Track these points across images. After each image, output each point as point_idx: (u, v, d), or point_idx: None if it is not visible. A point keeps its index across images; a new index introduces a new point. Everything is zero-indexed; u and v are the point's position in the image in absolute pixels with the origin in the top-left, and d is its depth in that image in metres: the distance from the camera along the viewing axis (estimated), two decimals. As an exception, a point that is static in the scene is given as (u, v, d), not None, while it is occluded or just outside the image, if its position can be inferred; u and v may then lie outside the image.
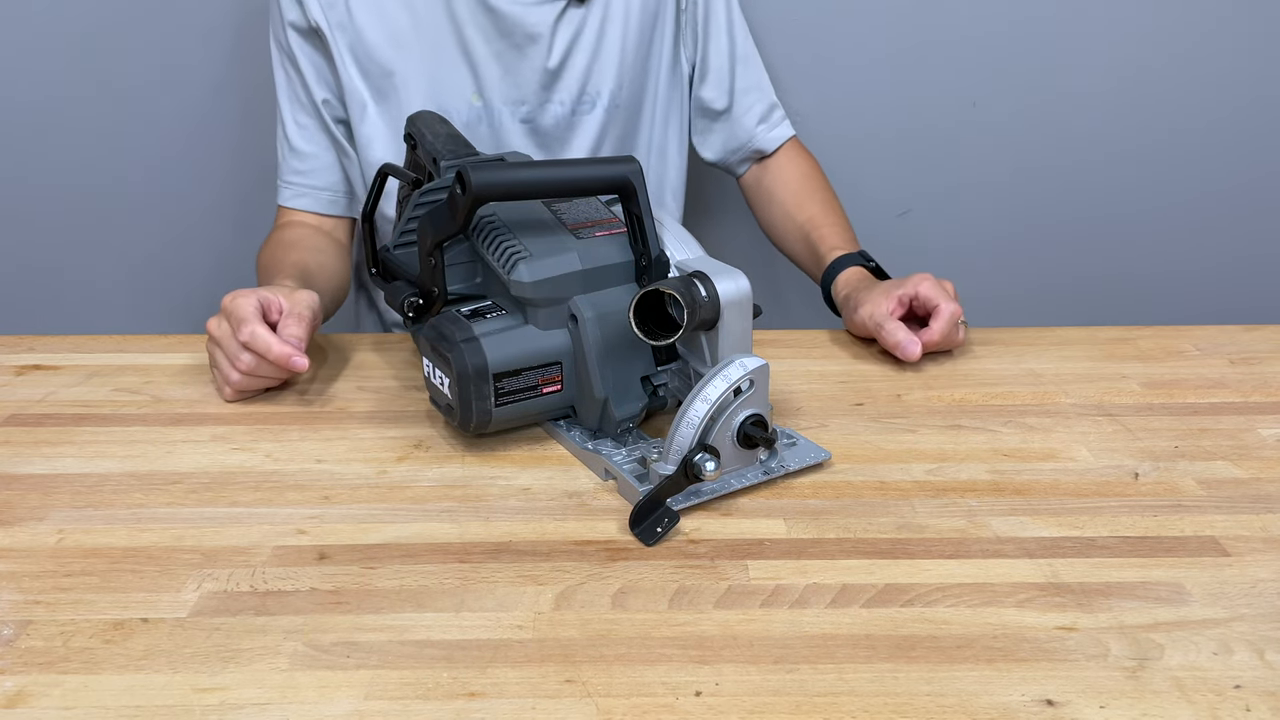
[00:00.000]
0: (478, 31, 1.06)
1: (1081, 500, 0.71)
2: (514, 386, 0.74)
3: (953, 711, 0.52)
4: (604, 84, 1.10)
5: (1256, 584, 0.62)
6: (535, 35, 1.06)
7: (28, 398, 0.85)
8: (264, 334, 0.80)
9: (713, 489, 0.70)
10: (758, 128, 1.20)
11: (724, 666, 0.55)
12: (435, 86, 1.07)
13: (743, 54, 1.19)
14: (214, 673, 0.54)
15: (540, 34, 1.06)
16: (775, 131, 1.21)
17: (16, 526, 0.68)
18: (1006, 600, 0.60)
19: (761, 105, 1.20)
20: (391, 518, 0.69)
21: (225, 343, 0.82)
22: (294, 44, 1.08)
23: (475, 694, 0.53)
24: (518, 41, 1.06)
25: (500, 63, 1.07)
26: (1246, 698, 0.53)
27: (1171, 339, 0.97)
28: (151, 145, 1.42)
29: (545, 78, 1.08)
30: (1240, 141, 1.46)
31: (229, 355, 0.82)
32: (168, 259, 1.49)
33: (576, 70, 1.09)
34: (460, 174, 0.71)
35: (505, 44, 1.06)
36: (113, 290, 1.50)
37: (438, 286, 0.78)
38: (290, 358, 0.80)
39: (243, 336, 0.80)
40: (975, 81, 1.42)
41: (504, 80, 1.08)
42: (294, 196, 1.13)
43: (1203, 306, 1.53)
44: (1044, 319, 1.45)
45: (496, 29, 1.06)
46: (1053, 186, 1.49)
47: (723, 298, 0.70)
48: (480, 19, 1.06)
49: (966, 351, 0.94)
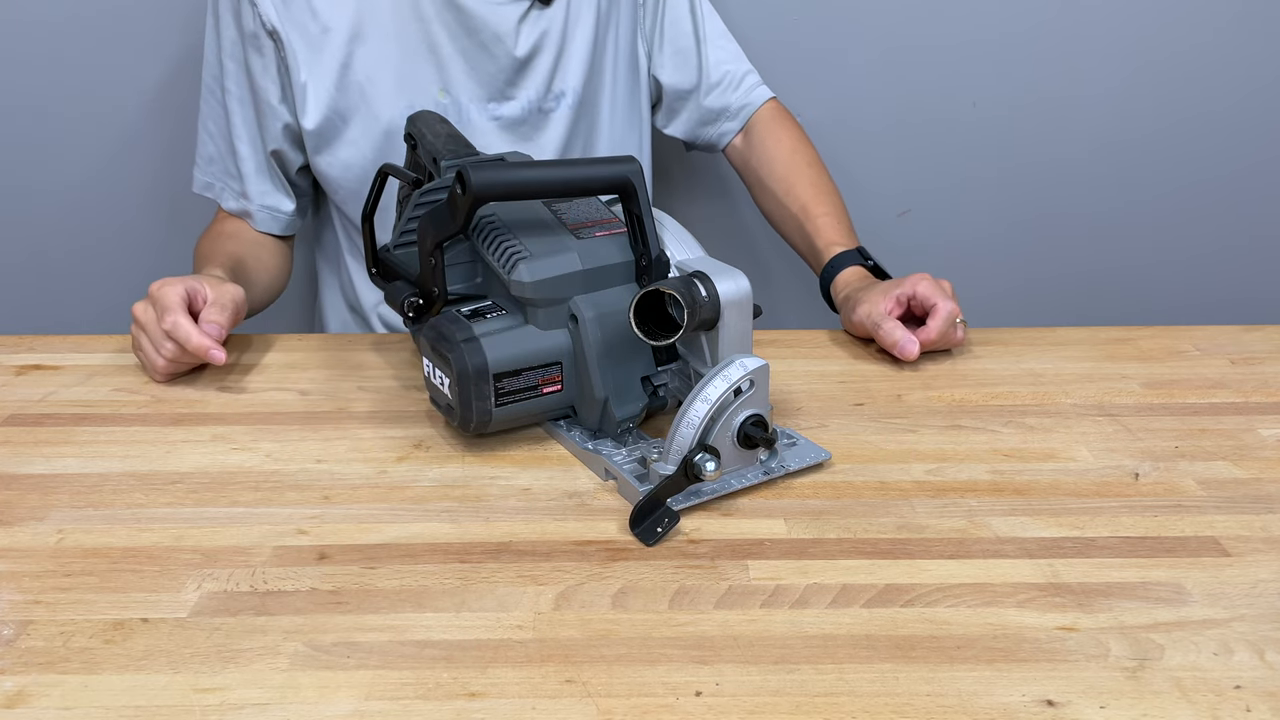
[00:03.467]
0: (443, 28, 1.06)
1: (1082, 500, 0.71)
2: (514, 386, 0.74)
3: (953, 712, 0.52)
4: (569, 81, 1.11)
5: (1256, 584, 0.62)
6: (501, 34, 1.06)
7: (28, 398, 0.85)
8: (185, 324, 0.84)
9: (713, 489, 0.70)
10: (730, 96, 1.19)
11: (724, 667, 0.55)
12: (402, 82, 1.07)
13: (708, 33, 1.19)
14: (214, 673, 0.54)
15: (505, 32, 1.06)
16: (751, 96, 1.20)
17: (16, 526, 0.68)
18: (1007, 600, 0.60)
19: (733, 76, 1.19)
20: (391, 518, 0.69)
21: (150, 328, 0.86)
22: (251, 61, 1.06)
23: (475, 694, 0.53)
24: (484, 39, 1.06)
25: (466, 59, 1.07)
26: (1246, 698, 0.53)
27: (1171, 339, 0.97)
28: (152, 145, 1.41)
29: (511, 75, 1.08)
30: (1241, 141, 1.46)
31: (153, 341, 0.86)
32: (168, 259, 1.49)
33: (543, 68, 1.09)
34: (460, 174, 0.71)
35: (471, 41, 1.06)
36: (112, 290, 1.50)
37: (438, 286, 0.78)
38: (208, 350, 0.84)
39: (165, 325, 0.84)
40: (975, 81, 1.42)
41: (470, 76, 1.08)
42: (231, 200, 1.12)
43: (1203, 306, 1.53)
44: (1044, 319, 1.45)
45: (462, 26, 1.06)
46: (1053, 186, 1.49)
47: (723, 298, 0.70)
48: (446, 15, 1.06)
49: (966, 351, 0.94)
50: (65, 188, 1.44)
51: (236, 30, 1.06)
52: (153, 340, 0.86)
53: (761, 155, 1.19)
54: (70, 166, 1.42)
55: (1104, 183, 1.48)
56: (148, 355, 0.87)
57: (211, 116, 1.12)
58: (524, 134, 1.11)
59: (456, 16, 1.05)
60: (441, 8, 1.05)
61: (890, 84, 1.42)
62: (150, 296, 0.87)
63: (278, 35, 1.04)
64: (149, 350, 0.87)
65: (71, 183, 1.43)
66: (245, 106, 1.09)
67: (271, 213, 1.12)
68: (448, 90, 1.07)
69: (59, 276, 1.49)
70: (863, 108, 1.43)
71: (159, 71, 1.38)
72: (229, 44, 1.07)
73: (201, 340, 0.83)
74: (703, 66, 1.18)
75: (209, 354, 0.83)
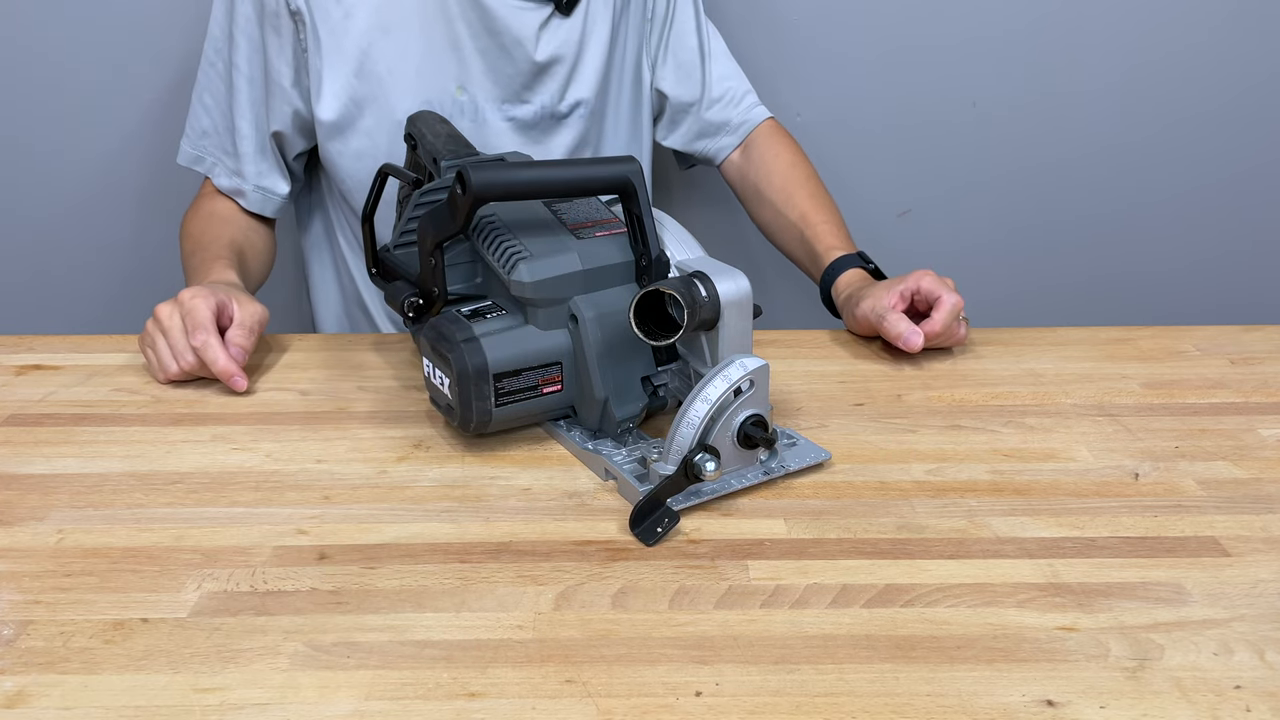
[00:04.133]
0: (466, 26, 1.06)
1: (1082, 500, 0.71)
2: (514, 386, 0.74)
3: (953, 712, 0.52)
4: (583, 90, 1.11)
5: (1256, 584, 0.62)
6: (522, 37, 1.06)
7: (28, 398, 0.85)
8: (216, 345, 0.85)
9: (713, 489, 0.70)
10: (731, 112, 1.21)
11: (724, 667, 0.55)
12: (422, 76, 1.07)
13: (712, 50, 1.20)
14: (214, 673, 0.54)
15: (526, 36, 1.07)
16: (751, 114, 1.21)
17: (16, 526, 0.67)
18: (1006, 600, 0.60)
19: (735, 93, 1.21)
20: (391, 518, 0.69)
21: (173, 336, 0.86)
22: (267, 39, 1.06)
23: (475, 694, 0.53)
24: (505, 41, 1.06)
25: (486, 59, 1.07)
26: (1246, 698, 0.53)
27: (1171, 339, 0.97)
28: (152, 145, 1.41)
29: (528, 79, 1.09)
30: (1241, 141, 1.46)
31: (174, 349, 0.86)
32: (168, 259, 1.48)
33: (559, 75, 1.10)
34: (460, 174, 0.71)
35: (492, 41, 1.07)
36: (113, 290, 1.50)
37: (438, 286, 0.78)
38: (232, 377, 0.85)
39: (195, 342, 0.85)
40: (975, 81, 1.42)
41: (488, 76, 1.08)
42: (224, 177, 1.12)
43: (1203, 306, 1.53)
44: (1044, 319, 1.45)
45: (485, 26, 1.06)
46: (1053, 186, 1.49)
47: (723, 298, 0.70)
48: (470, 14, 1.06)
49: (966, 351, 0.94)
50: (67, 187, 1.44)
51: (255, 6, 1.05)
52: (174, 348, 0.86)
53: (760, 168, 1.20)
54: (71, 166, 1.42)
55: (1104, 183, 1.48)
56: (161, 359, 0.87)
57: (209, 89, 1.10)
58: (535, 137, 1.12)
59: (480, 16, 1.06)
60: (466, 6, 1.06)
61: (890, 84, 1.42)
62: (180, 304, 0.87)
63: (300, 17, 1.04)
64: (165, 355, 0.86)
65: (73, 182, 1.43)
66: (254, 85, 1.08)
67: (265, 194, 1.11)
68: (465, 88, 1.07)
69: (60, 276, 1.49)
70: (862, 108, 1.43)
71: (161, 71, 1.38)
72: (244, 19, 1.06)
73: (228, 365, 0.84)
74: (705, 81, 1.20)
75: (232, 380, 0.85)
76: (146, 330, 0.89)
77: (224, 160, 1.11)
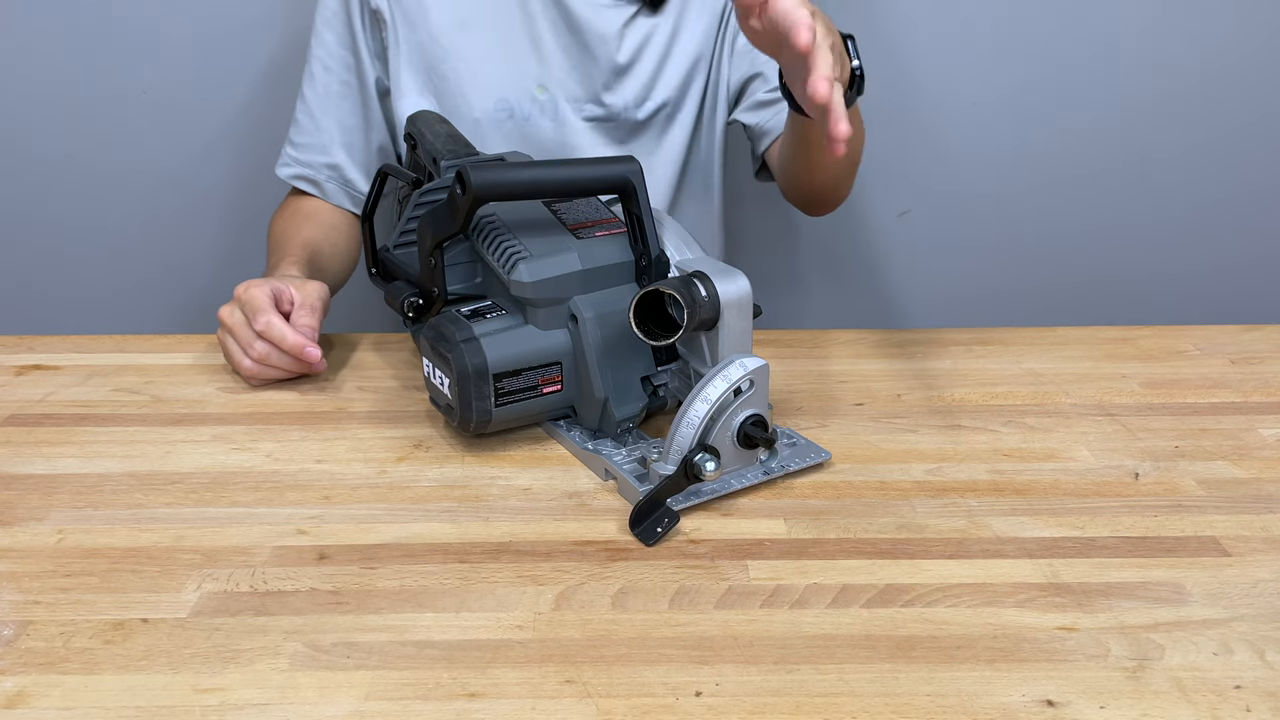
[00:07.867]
0: (548, 24, 1.06)
1: (1081, 500, 0.71)
2: (514, 386, 0.74)
3: (953, 712, 0.52)
4: (666, 91, 1.10)
5: (1257, 584, 0.62)
6: (605, 36, 1.06)
7: (28, 398, 0.85)
8: (279, 324, 0.83)
9: (713, 489, 0.70)
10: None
11: (724, 667, 0.55)
12: (502, 73, 1.06)
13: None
14: (214, 673, 0.54)
15: (610, 35, 1.06)
16: None
17: (16, 526, 0.67)
18: (1006, 600, 0.60)
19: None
20: (391, 518, 0.69)
21: (238, 330, 0.85)
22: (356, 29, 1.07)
23: (475, 694, 0.53)
24: (588, 40, 1.06)
25: (568, 57, 1.07)
26: (1247, 698, 0.53)
27: (1171, 339, 0.97)
28: (153, 144, 1.42)
29: (609, 78, 1.08)
30: (1241, 141, 1.47)
31: (242, 343, 0.85)
32: (169, 259, 1.49)
33: (642, 75, 1.09)
34: (460, 174, 0.71)
35: (574, 40, 1.06)
36: (113, 290, 1.50)
37: (438, 286, 0.78)
38: (304, 348, 0.83)
39: (258, 325, 0.83)
40: (975, 81, 1.42)
41: (570, 75, 1.08)
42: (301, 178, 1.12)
43: (1203, 306, 1.53)
44: (1044, 319, 1.45)
45: (567, 24, 1.06)
46: (1052, 186, 1.49)
47: (722, 298, 0.70)
48: (551, 12, 1.06)
49: (967, 351, 0.94)
50: (67, 187, 1.44)
51: (345, 11, 1.07)
52: (241, 342, 0.85)
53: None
54: (71, 165, 1.42)
55: (1104, 183, 1.48)
56: (234, 358, 0.86)
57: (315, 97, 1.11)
58: (617, 136, 1.11)
59: (562, 14, 1.06)
60: (548, 4, 1.06)
61: (890, 84, 1.42)
62: (236, 299, 0.86)
63: (380, 16, 1.05)
64: (235, 353, 0.85)
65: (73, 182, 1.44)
66: (348, 88, 1.10)
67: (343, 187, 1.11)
68: (546, 87, 1.07)
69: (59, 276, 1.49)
70: (862, 107, 1.43)
71: (163, 70, 1.38)
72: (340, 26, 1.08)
73: (297, 339, 0.83)
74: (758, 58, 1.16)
75: (305, 352, 0.83)
76: (218, 338, 0.88)
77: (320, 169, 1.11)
